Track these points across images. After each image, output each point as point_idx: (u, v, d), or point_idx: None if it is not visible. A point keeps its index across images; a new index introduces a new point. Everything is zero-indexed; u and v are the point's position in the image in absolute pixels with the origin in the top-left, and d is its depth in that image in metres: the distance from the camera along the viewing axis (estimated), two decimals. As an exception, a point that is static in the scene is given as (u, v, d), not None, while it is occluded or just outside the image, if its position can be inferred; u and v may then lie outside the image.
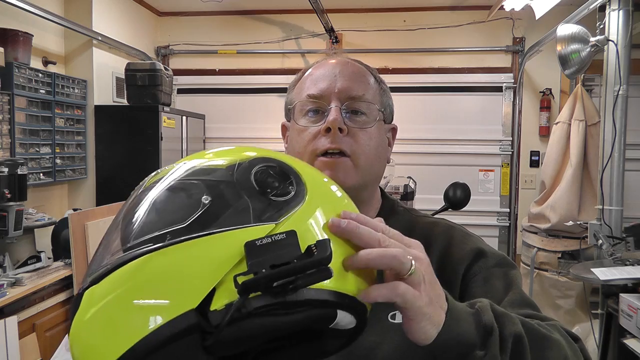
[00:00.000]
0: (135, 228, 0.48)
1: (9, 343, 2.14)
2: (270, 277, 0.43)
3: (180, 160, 0.55)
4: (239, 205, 0.47)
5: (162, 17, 4.53)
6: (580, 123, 3.40)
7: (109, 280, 0.45)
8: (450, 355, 0.56)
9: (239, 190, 0.48)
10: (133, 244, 0.46)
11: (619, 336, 2.14)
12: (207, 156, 0.55)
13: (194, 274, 0.44)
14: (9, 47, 2.83)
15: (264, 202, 0.48)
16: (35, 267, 2.62)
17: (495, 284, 0.75)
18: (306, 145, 0.79)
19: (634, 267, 2.31)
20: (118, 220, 0.52)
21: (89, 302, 0.46)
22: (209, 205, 0.47)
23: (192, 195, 0.48)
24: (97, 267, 0.48)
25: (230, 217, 0.46)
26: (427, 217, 0.88)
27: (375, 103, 0.81)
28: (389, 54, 4.24)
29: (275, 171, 0.51)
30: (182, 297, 0.43)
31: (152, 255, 0.44)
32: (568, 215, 3.30)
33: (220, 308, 0.43)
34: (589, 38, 2.69)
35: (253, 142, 4.38)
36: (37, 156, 3.09)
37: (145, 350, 0.42)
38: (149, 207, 0.49)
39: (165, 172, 0.53)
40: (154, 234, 0.46)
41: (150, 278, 0.44)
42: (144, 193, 0.51)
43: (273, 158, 0.53)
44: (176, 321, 0.42)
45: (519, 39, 4.16)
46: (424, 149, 4.22)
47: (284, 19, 4.38)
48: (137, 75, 3.53)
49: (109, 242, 0.50)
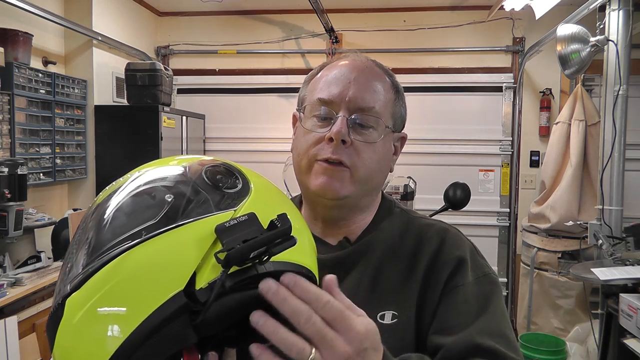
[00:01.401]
0: (107, 232, 0.51)
1: (9, 343, 2.14)
2: (248, 248, 0.48)
3: (132, 172, 0.60)
4: (199, 199, 0.53)
5: (162, 17, 4.53)
6: (580, 123, 3.40)
7: (92, 282, 0.48)
8: None
9: (196, 187, 0.54)
10: (110, 245, 0.49)
11: (619, 336, 2.14)
12: (158, 164, 0.60)
13: (176, 260, 0.48)
14: (9, 47, 2.83)
15: (219, 194, 0.54)
16: (35, 267, 2.62)
17: (469, 304, 0.74)
18: (308, 149, 0.79)
19: (634, 267, 2.31)
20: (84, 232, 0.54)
21: (74, 307, 0.48)
22: (173, 202, 0.51)
23: (155, 197, 0.53)
24: (73, 275, 0.50)
25: (194, 209, 0.51)
26: (423, 219, 0.87)
27: (383, 117, 0.80)
28: (389, 54, 4.24)
29: (221, 170, 0.58)
30: (168, 282, 0.47)
31: (133, 251, 0.48)
32: (568, 215, 3.30)
33: (204, 286, 0.48)
34: (589, 38, 2.69)
35: (253, 142, 4.38)
36: (37, 156, 3.09)
37: (142, 338, 0.46)
38: (117, 213, 0.53)
39: (120, 183, 0.57)
40: (129, 233, 0.49)
41: (135, 270, 0.48)
42: (104, 204, 0.55)
43: (216, 160, 0.60)
44: (167, 304, 0.46)
45: (519, 39, 4.16)
46: (424, 149, 4.22)
47: (284, 19, 4.38)
48: (137, 75, 3.53)
49: (79, 252, 0.52)
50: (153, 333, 0.46)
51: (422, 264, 0.78)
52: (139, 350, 0.46)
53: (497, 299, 0.76)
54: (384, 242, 0.81)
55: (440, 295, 0.75)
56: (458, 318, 0.72)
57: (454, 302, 0.74)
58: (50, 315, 0.51)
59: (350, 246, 0.82)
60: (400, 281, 0.78)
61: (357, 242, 0.82)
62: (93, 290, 0.47)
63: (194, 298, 0.47)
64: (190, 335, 0.48)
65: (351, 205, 0.81)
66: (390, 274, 0.78)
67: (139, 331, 0.46)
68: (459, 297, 0.74)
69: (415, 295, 0.76)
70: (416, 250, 0.80)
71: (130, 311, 0.46)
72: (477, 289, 0.75)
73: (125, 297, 0.47)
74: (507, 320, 0.75)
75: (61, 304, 0.49)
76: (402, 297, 0.76)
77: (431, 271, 0.77)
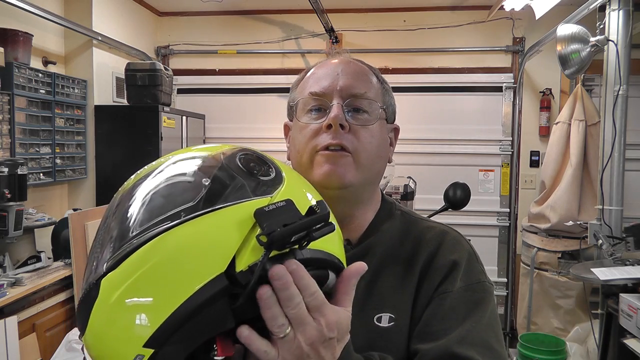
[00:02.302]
0: (144, 213, 0.50)
1: (9, 343, 2.14)
2: (290, 231, 0.48)
3: (163, 157, 0.60)
4: (235, 184, 0.53)
5: (162, 17, 4.53)
6: (580, 123, 3.40)
7: (130, 262, 0.47)
8: None
9: (231, 173, 0.54)
10: (148, 225, 0.48)
11: (619, 336, 2.14)
12: (191, 151, 0.61)
13: (217, 242, 0.48)
14: (9, 47, 2.83)
15: (254, 181, 0.54)
16: (35, 267, 2.62)
17: (455, 311, 0.72)
18: (307, 142, 0.78)
19: (634, 267, 2.31)
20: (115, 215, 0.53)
21: (111, 286, 0.47)
22: (211, 186, 0.51)
23: (192, 181, 0.53)
24: (107, 256, 0.48)
25: (232, 193, 0.51)
26: (425, 221, 0.86)
27: (377, 101, 0.81)
28: (389, 54, 4.24)
29: (254, 158, 0.58)
30: (210, 264, 0.47)
31: (172, 231, 0.48)
32: (568, 215, 3.30)
33: (245, 269, 0.48)
34: (589, 38, 2.69)
35: (253, 142, 4.37)
36: (37, 156, 3.09)
37: (181, 320, 0.45)
38: (153, 195, 0.52)
39: (153, 167, 0.57)
40: (168, 214, 0.49)
41: (175, 251, 0.47)
42: (138, 187, 0.54)
43: (248, 148, 0.60)
44: (208, 286, 0.46)
45: (519, 39, 4.16)
46: (424, 149, 4.22)
47: (284, 19, 4.38)
48: (137, 75, 3.53)
49: (111, 233, 0.51)
50: (192, 315, 0.45)
51: (418, 266, 0.78)
52: (177, 333, 0.45)
53: (486, 307, 0.74)
54: (383, 245, 0.81)
55: (429, 299, 0.74)
56: (440, 324, 0.71)
57: (440, 307, 0.73)
58: (83, 297, 0.49)
59: (351, 249, 0.81)
60: (397, 284, 0.77)
61: (358, 245, 0.82)
62: (131, 270, 0.46)
63: (234, 281, 0.47)
64: (229, 319, 0.48)
65: (354, 198, 0.81)
66: (388, 277, 0.78)
67: (179, 313, 0.45)
68: (445, 303, 0.73)
69: (411, 299, 0.76)
70: (414, 252, 0.80)
71: (170, 292, 0.45)
72: (467, 295, 0.74)
73: (164, 278, 0.46)
74: (494, 330, 0.73)
75: (96, 285, 0.47)
76: (400, 300, 0.76)
77: (425, 274, 0.77)
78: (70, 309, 2.68)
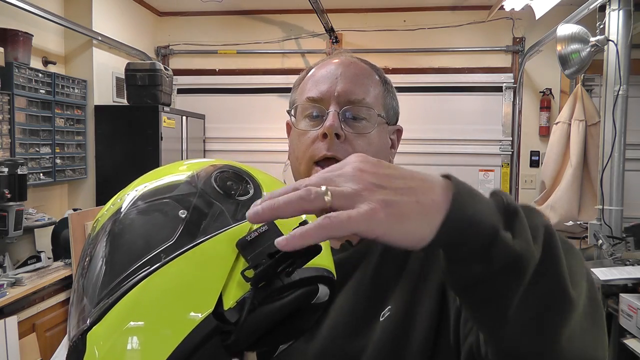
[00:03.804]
0: (122, 258, 0.48)
1: (9, 343, 2.14)
2: (275, 264, 0.45)
3: (130, 186, 0.56)
4: (214, 211, 0.50)
5: (162, 17, 4.53)
6: (580, 123, 3.40)
7: (114, 314, 0.45)
8: (469, 246, 0.44)
9: (208, 198, 0.51)
10: (128, 272, 0.46)
11: (619, 336, 2.14)
12: (160, 175, 0.56)
13: (201, 281, 0.46)
14: (9, 47, 2.83)
15: (233, 203, 0.51)
16: (35, 267, 2.63)
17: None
18: (305, 151, 0.79)
19: (634, 267, 2.31)
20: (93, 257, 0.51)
21: (97, 341, 0.45)
22: (188, 218, 0.49)
23: (167, 213, 0.49)
24: (89, 308, 0.47)
25: (211, 223, 0.49)
26: None
27: (375, 107, 0.80)
28: (389, 54, 4.24)
29: (230, 175, 0.54)
30: (196, 306, 0.45)
31: (154, 276, 0.45)
32: (568, 215, 3.30)
33: (233, 305, 0.45)
34: (589, 38, 2.69)
35: (253, 142, 4.38)
36: (37, 156, 3.09)
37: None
38: (129, 236, 0.49)
39: (124, 199, 0.53)
40: (147, 257, 0.46)
41: (159, 297, 0.45)
42: (112, 225, 0.51)
43: (224, 164, 0.56)
44: (198, 329, 0.44)
45: (519, 39, 4.16)
46: (424, 149, 4.22)
47: (284, 19, 4.38)
48: (137, 75, 3.54)
49: (91, 280, 0.49)
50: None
51: (415, 254, 0.77)
52: None
53: None
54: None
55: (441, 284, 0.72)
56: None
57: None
58: (71, 350, 0.47)
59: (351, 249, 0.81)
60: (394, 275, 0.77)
61: (359, 244, 0.82)
62: (116, 323, 0.45)
63: (223, 319, 0.45)
64: (222, 355, 0.46)
65: None
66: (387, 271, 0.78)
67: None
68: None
69: (409, 288, 0.75)
70: None
71: (160, 341, 0.44)
72: None
73: (152, 327, 0.44)
74: None
75: (81, 339, 0.46)
76: (397, 291, 0.75)
77: (426, 260, 0.75)
78: (70, 309, 2.68)
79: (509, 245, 0.44)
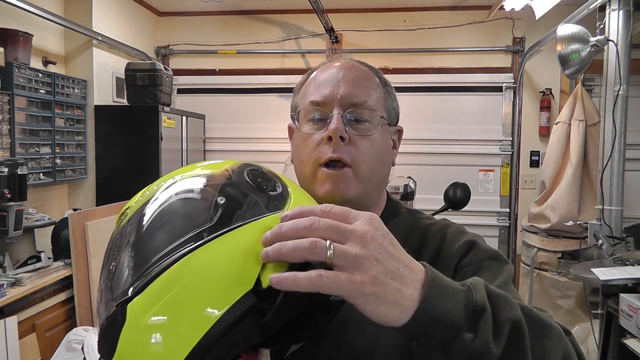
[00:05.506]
0: (164, 235, 0.51)
1: (9, 343, 2.14)
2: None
3: (167, 176, 0.59)
4: (249, 200, 0.54)
5: (162, 17, 4.53)
6: (580, 123, 3.40)
7: (156, 286, 0.47)
8: (432, 340, 0.50)
9: (243, 189, 0.56)
10: (170, 248, 0.49)
11: (619, 336, 2.14)
12: (196, 168, 0.61)
13: (241, 260, 0.49)
14: (9, 47, 2.83)
15: (265, 196, 0.56)
16: (35, 267, 2.63)
17: (483, 274, 0.72)
18: (310, 154, 0.80)
19: (634, 267, 2.31)
20: (126, 235, 0.53)
21: (139, 311, 0.46)
22: (226, 204, 0.53)
23: (207, 199, 0.54)
24: (128, 280, 0.48)
25: (248, 210, 0.53)
26: (427, 219, 0.88)
27: (377, 109, 0.81)
28: (389, 54, 4.24)
29: (260, 173, 0.60)
30: (238, 282, 0.47)
31: (197, 252, 0.48)
32: (568, 215, 3.30)
33: (271, 284, 0.47)
34: (589, 38, 2.69)
35: (253, 142, 4.38)
36: (37, 156, 3.09)
37: (213, 340, 0.45)
38: (168, 216, 0.53)
39: (159, 187, 0.57)
40: (189, 235, 0.50)
41: (201, 272, 0.47)
42: (149, 207, 0.55)
43: (252, 164, 0.62)
44: (238, 305, 0.47)
45: (519, 39, 4.16)
46: (424, 149, 4.22)
47: (284, 19, 4.38)
48: (137, 75, 3.54)
49: (127, 255, 0.51)
50: (224, 334, 0.46)
51: (425, 258, 0.78)
52: (209, 353, 0.45)
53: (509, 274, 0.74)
54: None
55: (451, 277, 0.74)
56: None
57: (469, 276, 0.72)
58: (107, 322, 0.49)
59: None
60: None
61: None
62: (159, 293, 0.46)
63: (261, 296, 0.48)
64: (256, 334, 0.48)
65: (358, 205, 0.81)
66: None
67: (211, 333, 0.45)
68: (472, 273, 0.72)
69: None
70: (420, 246, 0.81)
71: (201, 313, 0.46)
72: (491, 262, 0.75)
73: (194, 300, 0.46)
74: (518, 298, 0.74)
75: (121, 310, 0.47)
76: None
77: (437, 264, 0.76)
78: (70, 309, 2.68)
79: (467, 345, 0.49)
